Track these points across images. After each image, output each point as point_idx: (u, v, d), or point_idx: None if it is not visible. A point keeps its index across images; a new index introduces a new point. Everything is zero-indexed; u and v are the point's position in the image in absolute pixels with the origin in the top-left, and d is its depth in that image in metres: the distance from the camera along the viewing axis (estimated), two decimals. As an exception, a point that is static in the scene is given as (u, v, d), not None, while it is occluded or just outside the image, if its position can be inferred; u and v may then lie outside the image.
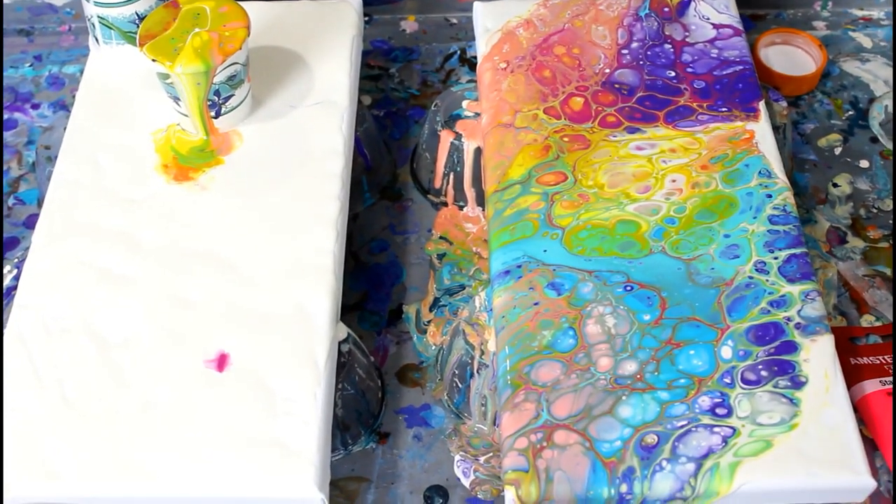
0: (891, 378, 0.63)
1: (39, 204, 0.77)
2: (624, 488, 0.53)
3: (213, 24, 0.64)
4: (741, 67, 0.72)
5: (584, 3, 0.77)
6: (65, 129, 0.71)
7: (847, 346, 0.66)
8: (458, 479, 0.63)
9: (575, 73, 0.72)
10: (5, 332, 0.60)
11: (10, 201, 0.78)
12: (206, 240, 0.64)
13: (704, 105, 0.70)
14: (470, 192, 0.74)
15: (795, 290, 0.60)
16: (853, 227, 0.74)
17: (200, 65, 0.62)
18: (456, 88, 0.77)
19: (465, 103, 0.75)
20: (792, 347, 0.57)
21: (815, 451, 0.54)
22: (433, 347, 0.68)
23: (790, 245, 0.62)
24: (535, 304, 0.60)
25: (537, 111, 0.70)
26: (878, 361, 0.65)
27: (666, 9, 0.76)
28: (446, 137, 0.73)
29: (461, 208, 0.75)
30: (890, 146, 0.79)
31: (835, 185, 0.76)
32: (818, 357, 0.57)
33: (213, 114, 0.67)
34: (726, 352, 0.57)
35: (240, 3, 0.66)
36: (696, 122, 0.69)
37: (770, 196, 0.64)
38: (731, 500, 0.53)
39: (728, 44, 0.74)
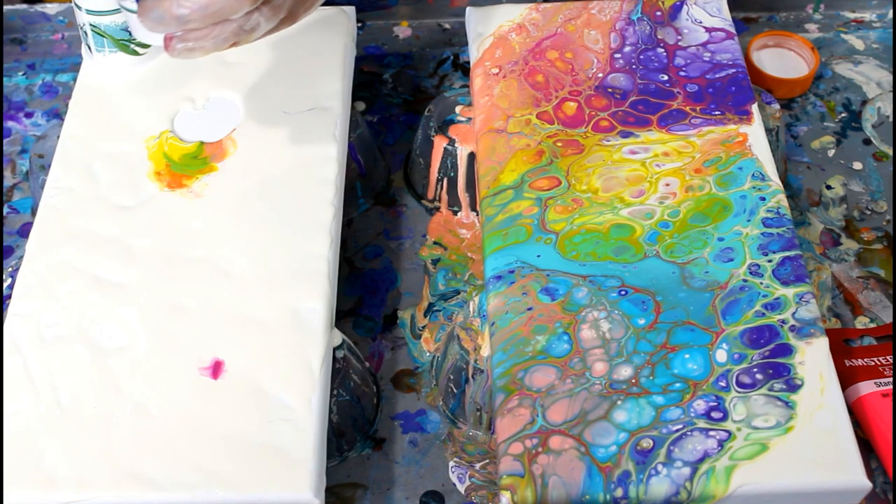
0: (885, 380, 0.63)
1: (33, 212, 0.76)
2: (619, 493, 0.53)
3: None
4: (734, 71, 0.72)
5: (577, 8, 0.77)
6: (58, 137, 0.71)
7: (842, 347, 0.66)
8: (454, 485, 0.63)
9: (568, 78, 0.72)
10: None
11: (4, 210, 0.78)
12: (200, 246, 0.64)
13: (697, 108, 0.70)
14: (464, 198, 0.74)
15: (790, 292, 0.60)
16: (847, 229, 0.75)
17: None
18: (449, 94, 0.77)
19: (458, 108, 0.75)
20: (787, 350, 0.57)
21: (810, 453, 0.54)
22: (428, 353, 0.68)
23: (784, 248, 0.62)
24: (529, 309, 0.60)
25: (530, 116, 0.70)
26: (873, 363, 0.65)
27: (658, 13, 0.76)
28: (440, 143, 0.73)
29: (455, 213, 0.75)
30: (882, 148, 0.79)
31: (828, 188, 0.76)
32: (813, 359, 0.57)
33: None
34: (721, 355, 0.57)
35: None
36: (689, 125, 0.69)
37: (764, 199, 0.64)
38: (727, 503, 0.53)
39: (720, 47, 0.74)
